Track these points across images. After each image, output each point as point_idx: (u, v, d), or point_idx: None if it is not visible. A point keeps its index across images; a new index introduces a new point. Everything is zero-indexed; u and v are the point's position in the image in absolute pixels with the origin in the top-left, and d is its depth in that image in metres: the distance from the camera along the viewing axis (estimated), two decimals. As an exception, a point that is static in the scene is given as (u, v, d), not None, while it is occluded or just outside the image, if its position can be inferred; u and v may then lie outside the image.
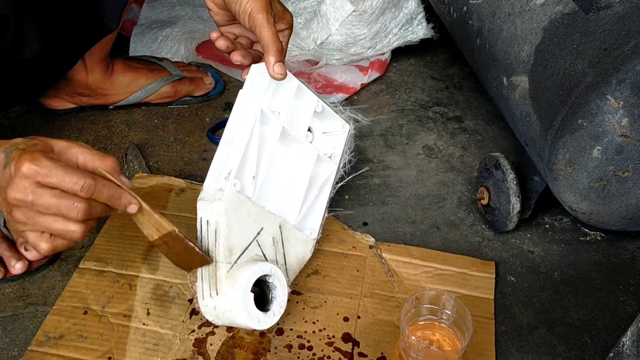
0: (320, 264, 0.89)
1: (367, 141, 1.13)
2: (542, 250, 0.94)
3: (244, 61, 0.81)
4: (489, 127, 1.18)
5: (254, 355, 0.78)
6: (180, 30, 1.28)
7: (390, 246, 0.92)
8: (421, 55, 1.33)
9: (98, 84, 1.09)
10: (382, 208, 1.00)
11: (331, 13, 1.19)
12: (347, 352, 0.79)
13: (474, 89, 1.26)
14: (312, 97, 0.85)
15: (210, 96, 1.21)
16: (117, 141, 1.10)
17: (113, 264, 0.88)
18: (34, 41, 0.90)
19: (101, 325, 0.80)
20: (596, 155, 0.77)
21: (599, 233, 0.97)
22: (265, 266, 0.75)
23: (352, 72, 1.25)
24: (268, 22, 0.76)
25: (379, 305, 0.84)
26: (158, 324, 0.80)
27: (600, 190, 0.80)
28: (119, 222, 0.93)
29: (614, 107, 0.74)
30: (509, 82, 0.91)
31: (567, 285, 0.89)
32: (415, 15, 1.24)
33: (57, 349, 0.77)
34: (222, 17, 0.84)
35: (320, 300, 0.85)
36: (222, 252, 0.74)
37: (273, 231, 0.80)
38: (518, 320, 0.84)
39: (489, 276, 0.88)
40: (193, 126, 1.15)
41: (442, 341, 0.76)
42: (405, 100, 1.24)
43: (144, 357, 0.77)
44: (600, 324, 0.85)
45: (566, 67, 0.80)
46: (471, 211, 1.00)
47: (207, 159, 1.07)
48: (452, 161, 1.10)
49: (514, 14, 0.91)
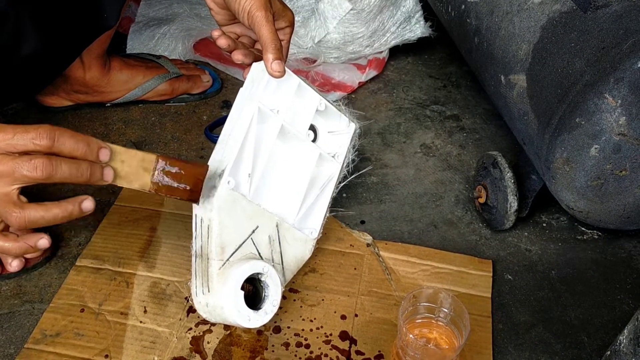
0: (317, 262, 0.89)
1: (365, 140, 1.13)
2: (540, 248, 0.94)
3: (246, 60, 0.81)
4: (487, 126, 1.18)
5: (251, 353, 0.78)
6: (177, 28, 1.28)
7: (388, 244, 0.92)
8: (419, 53, 1.33)
9: (95, 81, 1.09)
10: (380, 206, 1.00)
11: (329, 11, 1.19)
12: (345, 350, 0.79)
13: (472, 87, 1.26)
14: (315, 96, 0.84)
15: (208, 94, 1.21)
16: (114, 139, 1.10)
17: (110, 261, 0.87)
18: (32, 38, 0.90)
19: (98, 323, 0.80)
20: (594, 153, 0.77)
21: (596, 232, 0.97)
22: (257, 264, 0.75)
23: (349, 70, 1.25)
24: (267, 19, 0.76)
25: (376, 303, 0.84)
26: (155, 322, 0.80)
27: (598, 188, 0.80)
28: (115, 220, 0.93)
29: (611, 106, 0.74)
30: (506, 80, 0.91)
31: (564, 283, 0.90)
32: (413, 14, 1.24)
33: (53, 346, 0.77)
34: (223, 17, 0.84)
35: (317, 298, 0.85)
36: (215, 250, 0.73)
37: (269, 230, 0.79)
38: (515, 319, 0.85)
39: (487, 274, 0.89)
40: (190, 124, 1.15)
41: (439, 339, 0.76)
42: (403, 99, 1.24)
43: (141, 355, 0.77)
44: (597, 322, 0.85)
45: (564, 66, 0.80)
46: (469, 209, 1.00)
47: (204, 157, 1.07)
48: (449, 160, 1.10)
49: (512, 13, 0.91)
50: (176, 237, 0.91)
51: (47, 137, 0.62)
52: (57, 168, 0.63)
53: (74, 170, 0.64)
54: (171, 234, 0.92)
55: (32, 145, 0.62)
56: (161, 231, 0.92)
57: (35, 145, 0.62)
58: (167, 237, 0.91)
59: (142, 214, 0.95)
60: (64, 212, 0.66)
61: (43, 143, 0.62)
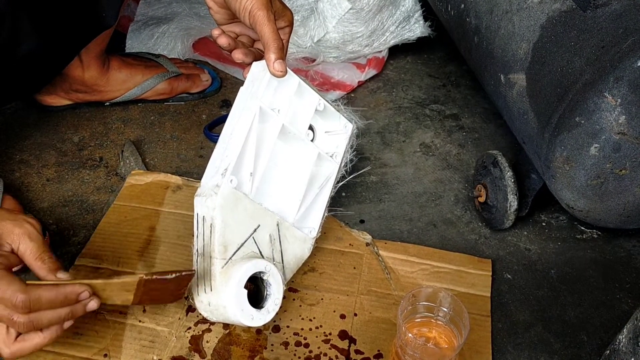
0: (317, 262, 0.89)
1: (364, 139, 1.13)
2: (539, 248, 0.94)
3: (246, 59, 0.80)
4: (486, 125, 1.18)
5: (251, 352, 0.78)
6: (176, 27, 1.28)
7: (387, 244, 0.92)
8: (418, 52, 1.33)
9: (94, 80, 1.09)
10: (379, 206, 1.00)
11: (328, 10, 1.19)
12: (344, 349, 0.79)
13: (471, 86, 1.26)
14: (314, 96, 0.85)
15: (207, 93, 1.21)
16: (113, 138, 1.10)
17: (109, 260, 0.87)
18: (30, 37, 0.89)
19: (97, 322, 0.80)
20: (593, 152, 0.77)
21: (595, 231, 0.97)
22: (260, 263, 0.75)
23: (349, 69, 1.24)
24: (268, 19, 0.76)
25: (375, 302, 0.84)
26: (154, 321, 0.80)
27: (598, 187, 0.80)
28: (114, 220, 0.93)
29: (611, 105, 0.74)
30: (506, 79, 0.91)
31: (564, 283, 0.89)
32: (413, 13, 1.23)
33: (52, 345, 0.77)
34: (222, 16, 0.83)
35: (317, 298, 0.84)
36: (217, 248, 0.73)
37: (270, 228, 0.79)
38: (514, 318, 0.84)
39: (486, 274, 0.88)
40: (190, 123, 1.15)
41: (438, 339, 0.76)
42: (402, 98, 1.23)
43: (140, 354, 0.77)
44: (596, 321, 0.85)
45: (564, 65, 0.80)
46: (468, 209, 1.00)
47: (203, 156, 1.07)
48: (449, 159, 1.10)
49: (511, 12, 0.91)
50: (175, 236, 0.91)
51: (23, 308, 0.64)
52: (39, 324, 0.66)
53: (55, 318, 0.66)
54: (170, 233, 0.91)
55: (9, 317, 0.64)
56: (160, 230, 0.92)
57: (14, 317, 0.64)
58: (166, 236, 0.91)
59: (141, 213, 0.94)
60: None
61: (20, 314, 0.64)
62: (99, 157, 1.06)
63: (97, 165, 1.05)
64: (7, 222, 0.69)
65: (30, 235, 0.69)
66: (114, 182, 1.02)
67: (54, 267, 0.69)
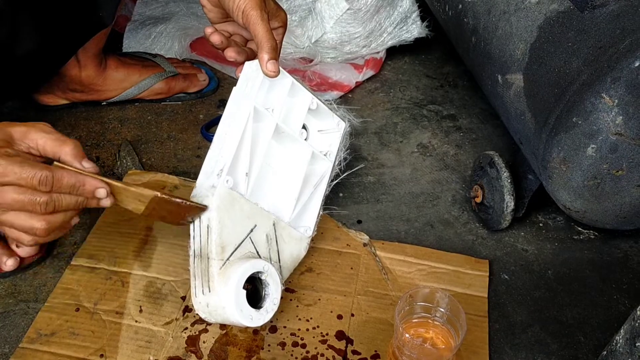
0: (314, 262, 0.89)
1: (362, 139, 1.13)
2: (536, 248, 0.94)
3: (238, 58, 0.81)
4: (483, 126, 1.18)
5: (247, 352, 0.78)
6: (174, 27, 1.28)
7: (385, 244, 0.92)
8: (416, 53, 1.33)
9: (91, 79, 1.09)
10: (377, 206, 1.00)
11: (326, 11, 1.19)
12: (341, 349, 0.79)
13: (469, 87, 1.26)
14: (307, 95, 0.85)
15: (204, 93, 1.20)
16: (110, 137, 1.10)
17: (105, 260, 0.87)
18: (28, 36, 0.89)
19: (93, 322, 0.80)
20: (590, 153, 0.77)
21: (592, 232, 0.97)
22: (258, 263, 0.75)
23: (347, 70, 1.24)
24: (262, 19, 0.76)
25: (372, 303, 0.84)
26: (151, 322, 0.80)
27: (594, 188, 0.80)
28: (111, 219, 0.93)
29: (608, 106, 0.74)
30: (503, 80, 0.91)
31: (561, 283, 0.90)
32: (410, 14, 1.24)
33: (48, 346, 0.77)
34: (216, 15, 0.84)
35: (314, 298, 0.84)
36: (215, 249, 0.73)
37: (267, 228, 0.79)
38: (512, 319, 0.84)
39: (483, 274, 0.88)
40: (187, 123, 1.14)
41: (435, 339, 0.76)
42: (400, 99, 1.23)
43: (136, 355, 0.76)
44: (593, 322, 0.85)
45: (561, 65, 0.80)
46: (465, 209, 1.00)
47: (200, 156, 1.07)
48: (446, 159, 1.10)
49: (509, 12, 0.91)
50: (172, 236, 0.91)
51: (46, 184, 0.65)
52: (59, 205, 0.67)
53: (72, 203, 0.68)
54: (167, 233, 0.91)
55: (31, 199, 0.65)
56: (157, 230, 0.92)
57: (36, 197, 0.65)
58: (162, 236, 0.91)
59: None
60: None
61: (42, 193, 0.65)
62: (96, 157, 1.06)
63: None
64: (20, 126, 0.69)
65: (45, 129, 0.69)
66: (110, 182, 1.01)
67: (79, 154, 0.69)
